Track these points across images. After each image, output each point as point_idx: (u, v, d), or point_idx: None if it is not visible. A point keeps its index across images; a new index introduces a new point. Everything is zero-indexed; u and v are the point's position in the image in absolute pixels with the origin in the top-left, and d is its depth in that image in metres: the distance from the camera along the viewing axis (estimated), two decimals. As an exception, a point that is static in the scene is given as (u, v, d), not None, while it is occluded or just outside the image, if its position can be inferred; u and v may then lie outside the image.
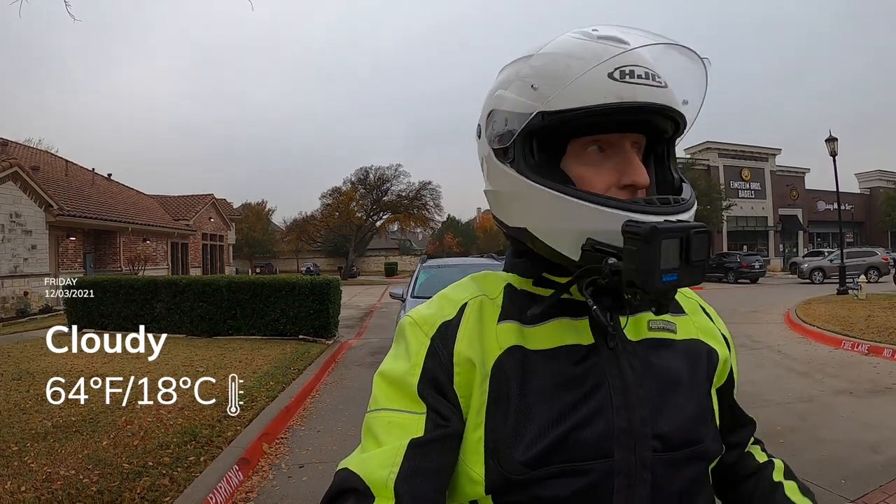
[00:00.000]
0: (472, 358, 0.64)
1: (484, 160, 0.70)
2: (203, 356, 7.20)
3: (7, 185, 13.57)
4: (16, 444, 3.74)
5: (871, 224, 38.20)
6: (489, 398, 0.63)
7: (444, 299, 0.71)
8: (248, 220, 43.88)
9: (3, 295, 13.24)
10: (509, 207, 0.67)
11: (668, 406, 0.64)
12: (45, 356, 7.20)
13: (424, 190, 38.79)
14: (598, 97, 0.58)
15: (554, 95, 0.59)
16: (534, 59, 0.63)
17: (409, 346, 0.67)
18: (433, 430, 0.61)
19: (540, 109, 0.59)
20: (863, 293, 12.57)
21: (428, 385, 0.63)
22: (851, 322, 8.91)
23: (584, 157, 0.63)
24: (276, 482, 3.56)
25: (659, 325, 0.69)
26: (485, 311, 0.68)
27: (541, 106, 0.59)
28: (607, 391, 0.62)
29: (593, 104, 0.58)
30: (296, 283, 9.06)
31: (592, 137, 0.63)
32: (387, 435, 0.62)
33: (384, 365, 0.68)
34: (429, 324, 0.67)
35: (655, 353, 0.67)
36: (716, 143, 35.05)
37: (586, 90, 0.58)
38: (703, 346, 0.71)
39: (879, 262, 21.78)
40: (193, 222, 25.70)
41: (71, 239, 16.45)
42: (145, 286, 9.59)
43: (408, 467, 0.58)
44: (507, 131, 0.64)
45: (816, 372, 6.24)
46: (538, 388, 0.63)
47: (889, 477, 3.31)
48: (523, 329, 0.66)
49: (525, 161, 0.63)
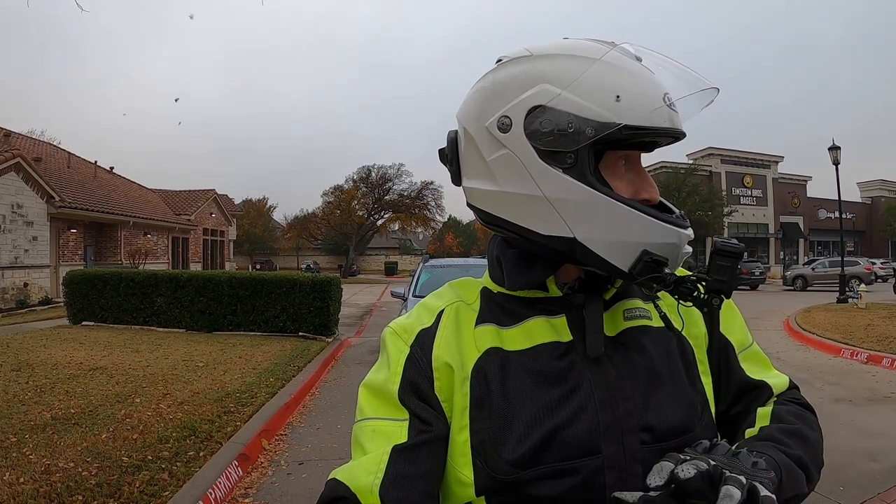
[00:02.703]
0: (451, 362, 0.66)
1: (509, 157, 0.62)
2: (203, 351, 7.19)
3: (9, 175, 13.56)
4: (14, 435, 3.73)
5: (872, 233, 38.21)
6: (471, 401, 0.64)
7: (423, 308, 0.73)
8: (249, 217, 43.95)
9: (3, 286, 13.23)
10: (548, 214, 0.62)
11: (654, 396, 0.63)
12: (45, 348, 7.21)
13: (426, 190, 38.85)
14: (662, 121, 0.61)
15: (641, 113, 0.60)
16: (602, 68, 0.61)
17: (390, 356, 0.69)
18: (416, 436, 0.63)
19: (626, 123, 0.59)
20: (862, 302, 12.58)
21: (409, 392, 0.65)
22: (851, 330, 8.92)
23: (614, 169, 0.64)
24: (276, 479, 3.56)
25: (635, 313, 0.69)
26: (461, 316, 0.70)
27: (626, 119, 0.59)
28: (589, 387, 0.63)
29: (660, 126, 0.61)
30: (297, 280, 9.05)
31: (623, 153, 0.65)
32: (371, 443, 0.63)
33: (368, 376, 0.70)
34: (408, 332, 0.70)
35: (635, 344, 0.66)
36: (718, 150, 35.04)
37: (657, 113, 0.61)
38: (675, 334, 0.69)
39: (862, 271, 22.05)
40: (195, 217, 25.70)
41: (72, 231, 16.44)
42: (146, 280, 9.58)
43: (392, 473, 0.60)
44: (570, 134, 0.60)
45: (816, 380, 6.24)
46: (519, 388, 0.63)
47: (887, 485, 3.32)
48: (500, 331, 0.67)
49: (590, 169, 0.61)
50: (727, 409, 0.72)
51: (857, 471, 3.56)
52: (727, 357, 0.73)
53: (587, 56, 0.61)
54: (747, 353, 0.75)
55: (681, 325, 0.69)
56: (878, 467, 3.61)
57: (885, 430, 4.35)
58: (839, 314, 11.23)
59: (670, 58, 0.64)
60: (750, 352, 0.75)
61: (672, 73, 0.63)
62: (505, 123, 0.62)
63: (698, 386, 0.68)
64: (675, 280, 0.61)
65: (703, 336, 0.72)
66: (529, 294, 0.69)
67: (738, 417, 0.71)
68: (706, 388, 0.69)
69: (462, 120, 0.68)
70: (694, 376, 0.69)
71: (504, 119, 0.62)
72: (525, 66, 0.63)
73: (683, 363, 0.68)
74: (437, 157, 0.73)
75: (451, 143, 0.70)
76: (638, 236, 0.61)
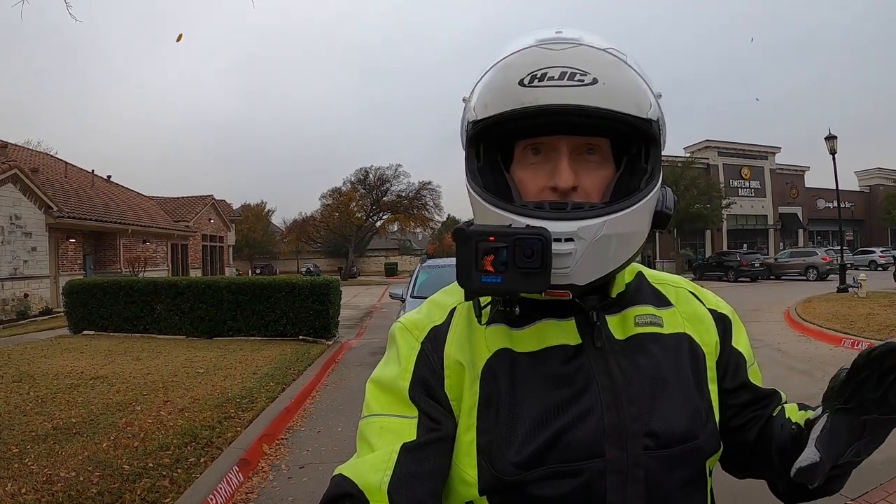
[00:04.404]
0: (462, 361, 0.65)
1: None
2: (203, 357, 7.19)
3: (6, 187, 13.55)
4: (16, 446, 3.74)
5: (871, 222, 38.22)
6: (479, 401, 0.64)
7: (434, 304, 0.72)
8: (247, 221, 43.94)
9: (4, 297, 13.23)
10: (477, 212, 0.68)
11: (660, 403, 0.63)
12: (46, 358, 7.21)
13: (424, 190, 38.83)
14: (505, 104, 0.60)
15: (492, 105, 0.61)
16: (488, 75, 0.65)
17: (400, 352, 0.68)
18: (425, 434, 0.62)
19: (469, 119, 0.64)
20: (863, 291, 12.58)
21: (419, 389, 0.64)
22: (851, 320, 8.92)
23: (524, 161, 0.65)
24: (277, 483, 3.56)
25: (646, 319, 0.69)
26: (473, 315, 0.69)
27: (471, 115, 0.64)
28: (596, 390, 0.62)
29: (497, 112, 0.60)
30: (296, 283, 9.05)
31: (529, 141, 0.64)
32: (379, 440, 0.62)
33: (376, 371, 0.69)
34: (419, 329, 0.69)
35: (644, 350, 0.66)
36: (715, 142, 35.03)
37: (498, 99, 0.60)
38: (687, 341, 0.70)
39: (819, 261, 23.07)
40: (193, 223, 25.68)
41: (71, 241, 16.43)
42: (145, 288, 9.59)
43: (401, 471, 0.59)
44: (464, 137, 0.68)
45: (817, 370, 6.24)
46: (527, 390, 0.63)
47: (889, 475, 3.31)
48: (511, 332, 0.67)
49: (469, 165, 0.66)
50: (731, 418, 0.72)
51: (859, 460, 3.56)
52: (739, 369, 0.74)
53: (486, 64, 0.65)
54: (753, 369, 0.76)
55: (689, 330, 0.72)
56: (880, 458, 3.55)
57: (887, 419, 4.35)
58: (839, 304, 11.23)
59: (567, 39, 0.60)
60: (755, 367, 0.76)
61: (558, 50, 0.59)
62: None
63: (705, 393, 0.68)
64: None
65: (715, 345, 0.72)
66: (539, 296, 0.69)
67: (743, 427, 0.72)
68: (712, 396, 0.69)
69: None
70: (702, 383, 0.69)
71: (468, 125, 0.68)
72: None
73: (693, 370, 0.68)
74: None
75: None
76: None
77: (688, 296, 0.76)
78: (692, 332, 0.71)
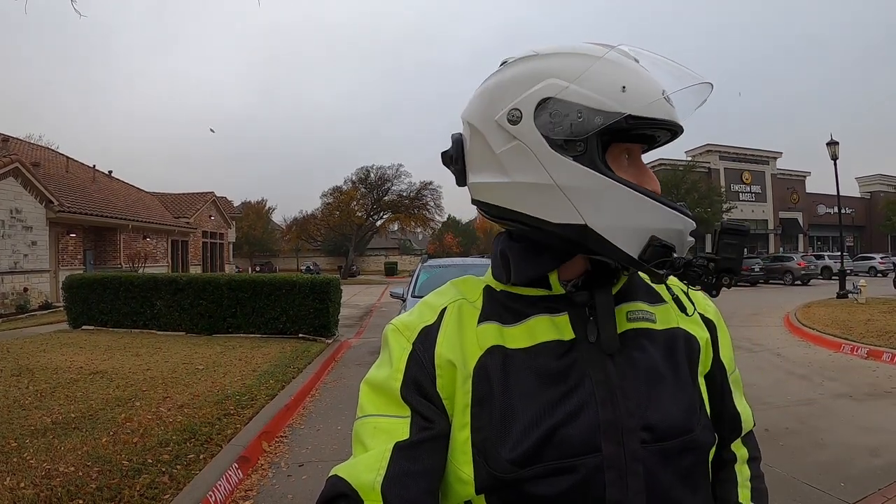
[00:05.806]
0: (453, 360, 0.66)
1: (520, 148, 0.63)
2: (203, 354, 7.19)
3: (7, 180, 13.54)
4: (15, 440, 3.73)
5: (872, 228, 38.22)
6: (472, 399, 0.64)
7: (425, 305, 0.73)
8: (248, 219, 43.95)
9: (3, 291, 13.22)
10: (559, 203, 0.62)
11: (654, 396, 0.64)
12: (45, 352, 7.21)
13: (425, 190, 38.78)
14: (662, 113, 0.63)
15: (643, 103, 0.62)
16: (605, 64, 0.63)
17: (392, 353, 0.68)
18: (418, 433, 0.63)
19: (631, 112, 0.61)
20: (862, 297, 12.58)
21: (411, 389, 0.65)
22: (851, 325, 8.91)
23: (618, 162, 0.66)
24: (276, 481, 3.56)
25: (638, 315, 0.69)
26: (464, 314, 0.69)
27: (631, 110, 0.61)
28: (590, 385, 0.63)
29: (660, 117, 0.63)
30: (296, 281, 9.04)
31: (627, 145, 0.67)
32: (373, 440, 0.63)
33: (369, 373, 0.70)
34: (410, 329, 0.69)
35: (637, 344, 0.67)
36: (716, 146, 35.08)
37: (657, 105, 0.63)
38: (682, 333, 0.71)
39: (794, 266, 23.89)
40: (194, 220, 25.69)
41: (71, 235, 16.42)
42: (145, 283, 9.57)
43: (394, 470, 0.60)
44: (580, 123, 0.62)
45: (816, 375, 6.24)
46: (520, 386, 0.63)
47: (888, 480, 3.31)
48: (503, 329, 0.67)
49: (600, 157, 0.63)
50: None
51: (858, 467, 3.56)
52: (721, 381, 0.76)
53: (590, 54, 0.64)
54: (734, 377, 0.78)
55: (692, 310, 0.73)
56: (879, 463, 3.61)
57: (886, 426, 4.35)
58: (839, 309, 11.23)
59: (666, 57, 0.65)
60: (735, 375, 0.78)
61: (667, 71, 0.65)
62: (515, 115, 0.63)
63: (697, 386, 0.69)
64: (684, 263, 0.61)
65: (707, 340, 0.74)
66: (532, 292, 0.69)
67: None
68: (702, 390, 0.71)
69: (468, 117, 0.69)
70: (695, 376, 0.70)
71: (514, 111, 0.63)
72: (532, 64, 0.65)
73: (688, 363, 0.69)
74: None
75: (457, 143, 0.72)
76: (646, 222, 0.61)
77: (681, 295, 0.76)
78: (686, 326, 0.72)
